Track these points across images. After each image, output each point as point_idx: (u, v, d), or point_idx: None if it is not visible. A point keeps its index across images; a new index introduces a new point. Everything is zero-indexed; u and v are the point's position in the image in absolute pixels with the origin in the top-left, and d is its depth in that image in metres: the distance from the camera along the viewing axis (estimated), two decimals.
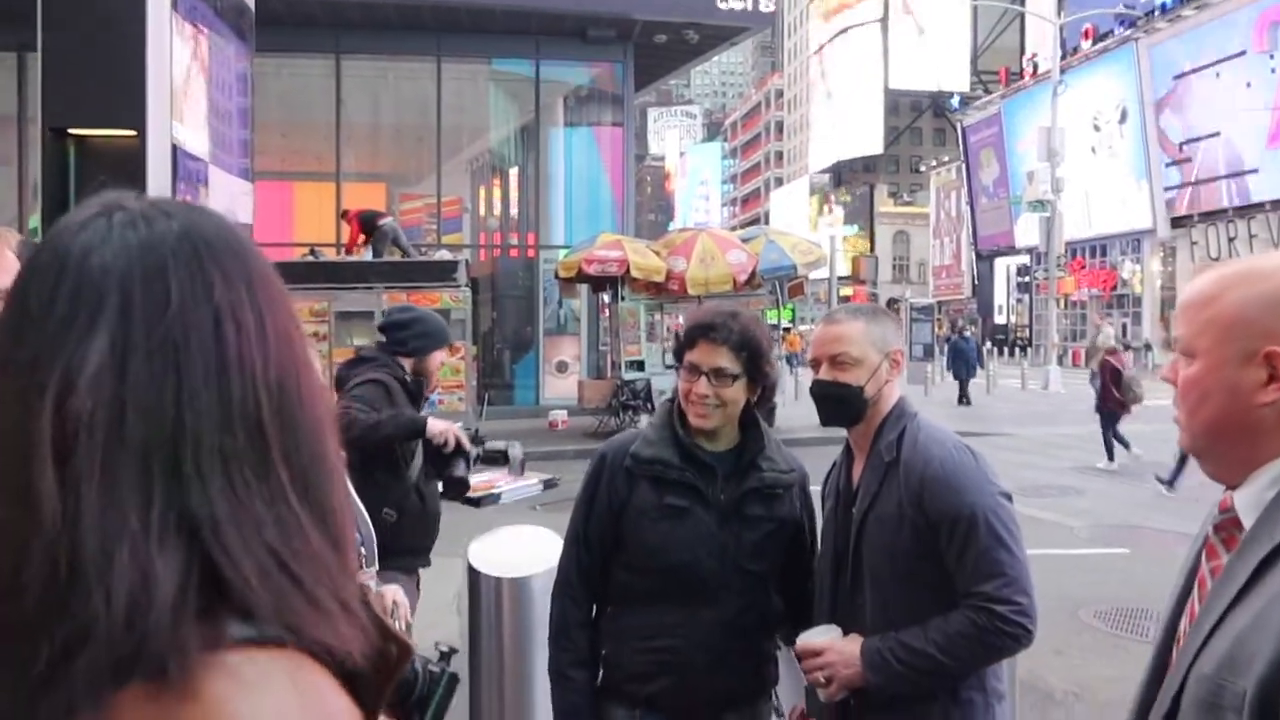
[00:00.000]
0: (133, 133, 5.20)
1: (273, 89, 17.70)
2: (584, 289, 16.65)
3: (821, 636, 2.07)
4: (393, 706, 1.38)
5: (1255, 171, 37.94)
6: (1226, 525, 1.21)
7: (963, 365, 20.61)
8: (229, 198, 9.62)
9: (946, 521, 1.96)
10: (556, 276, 15.85)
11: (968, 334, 22.70)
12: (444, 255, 15.44)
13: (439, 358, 3.65)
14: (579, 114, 20.82)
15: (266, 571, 0.57)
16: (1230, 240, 39.76)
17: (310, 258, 14.40)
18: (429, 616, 4.74)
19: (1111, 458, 12.03)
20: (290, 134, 19.51)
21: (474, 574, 3.19)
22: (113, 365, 0.57)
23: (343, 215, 15.01)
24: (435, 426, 3.37)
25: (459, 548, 3.23)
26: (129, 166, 4.94)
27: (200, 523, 0.57)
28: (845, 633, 2.06)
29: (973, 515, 1.94)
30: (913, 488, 1.99)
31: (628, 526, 2.20)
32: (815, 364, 2.15)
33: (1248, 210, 38.37)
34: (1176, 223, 41.77)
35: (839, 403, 2.10)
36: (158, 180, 5.28)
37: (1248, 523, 1.15)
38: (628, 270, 13.97)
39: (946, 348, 23.89)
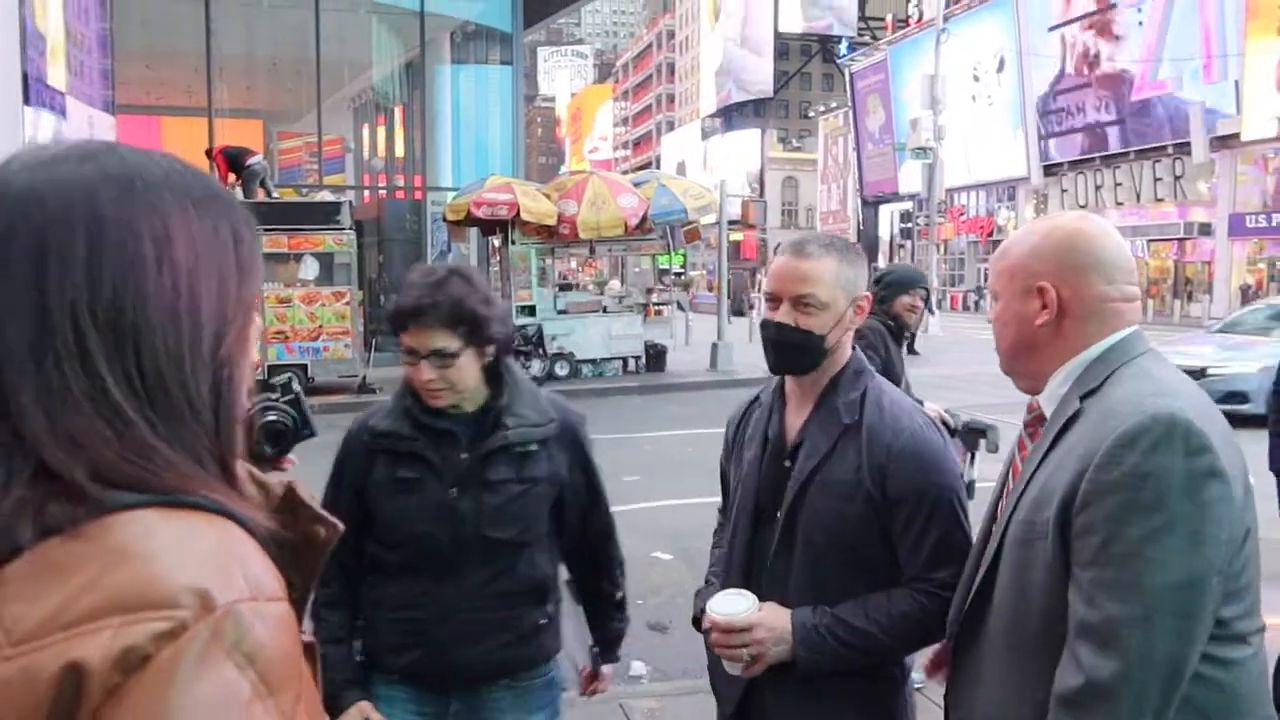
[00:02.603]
0: None
1: (135, 14, 16.60)
2: (473, 232, 16.34)
3: (739, 606, 1.86)
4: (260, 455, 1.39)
5: (1122, 122, 39.62)
6: (1033, 423, 1.59)
7: None
8: (89, 131, 9.00)
9: (910, 500, 1.83)
10: (444, 219, 15.49)
11: None
12: (326, 197, 14.89)
13: (904, 301, 4.37)
14: (466, 51, 20.24)
15: (79, 453, 0.66)
16: (1097, 188, 41.61)
17: None
18: None
19: None
20: (156, 65, 18.39)
21: None
22: None
23: (207, 153, 14.24)
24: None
25: None
26: None
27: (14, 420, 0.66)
28: (761, 597, 1.88)
29: (939, 497, 1.83)
30: (878, 458, 1.84)
31: (370, 502, 2.11)
32: (774, 300, 1.94)
33: (1113, 159, 40.16)
34: (1049, 170, 43.47)
35: (797, 350, 1.90)
36: (6, 109, 4.87)
37: (1049, 413, 1.54)
38: (518, 213, 13.75)
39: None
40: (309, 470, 1.31)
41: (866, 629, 1.82)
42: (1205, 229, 37.22)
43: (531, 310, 14.33)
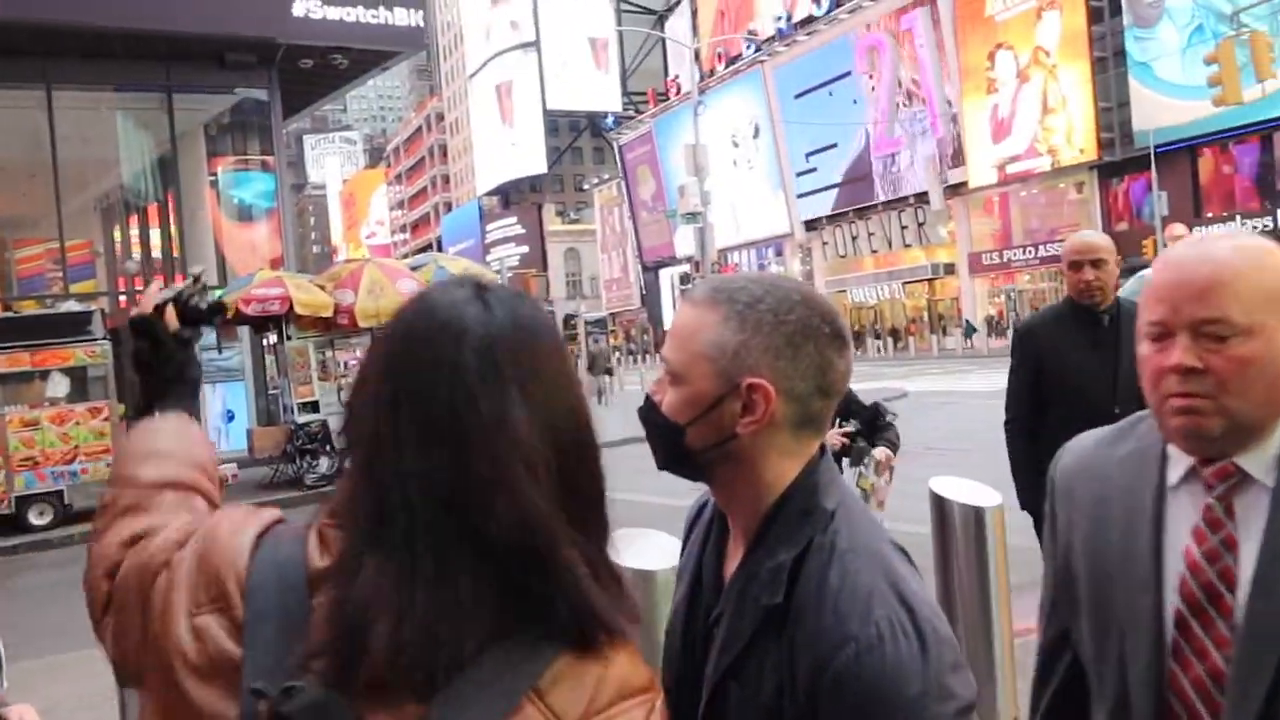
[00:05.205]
0: None
1: None
2: (245, 331, 15.57)
3: None
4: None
5: (867, 177, 43.07)
6: (1228, 493, 1.22)
7: None
8: None
9: None
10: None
11: None
12: (73, 306, 13.81)
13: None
14: (224, 144, 19.47)
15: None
16: (854, 239, 44.89)
17: None
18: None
19: None
20: None
21: None
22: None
23: None
24: None
25: None
26: None
27: None
28: None
29: None
30: (804, 678, 1.07)
31: None
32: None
33: (865, 212, 43.54)
34: (809, 225, 46.53)
35: (656, 440, 1.22)
36: None
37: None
38: (291, 307, 13.24)
39: None
40: None
41: None
42: (949, 269, 40.90)
43: (315, 406, 13.77)
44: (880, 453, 3.79)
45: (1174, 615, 1.22)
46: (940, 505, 3.45)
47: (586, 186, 78.28)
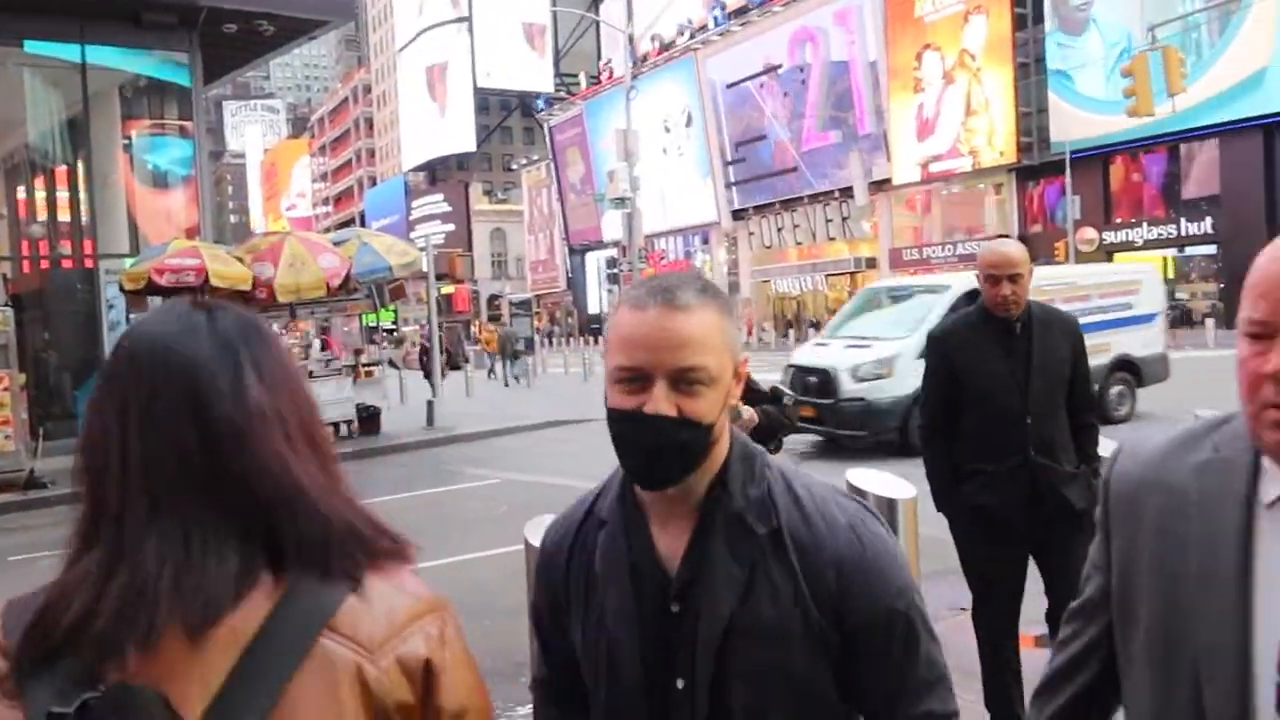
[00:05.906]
0: None
1: None
2: (156, 302, 15.08)
3: None
4: None
5: (795, 170, 43.54)
6: None
7: None
8: None
9: (880, 627, 1.28)
10: (121, 289, 14.20)
11: None
12: None
13: None
14: (139, 107, 18.77)
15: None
16: (779, 230, 45.40)
17: None
18: None
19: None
20: None
21: None
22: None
23: None
24: None
25: None
26: None
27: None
28: None
29: (909, 608, 1.30)
30: (823, 577, 1.27)
31: None
32: (638, 379, 1.26)
33: (791, 204, 44.05)
34: (736, 215, 46.91)
35: (682, 453, 1.27)
36: None
37: None
38: (207, 279, 12.88)
39: None
40: None
41: None
42: (871, 263, 41.65)
43: None
44: (747, 411, 3.82)
45: (1275, 657, 1.02)
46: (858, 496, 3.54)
47: (515, 167, 77.54)
